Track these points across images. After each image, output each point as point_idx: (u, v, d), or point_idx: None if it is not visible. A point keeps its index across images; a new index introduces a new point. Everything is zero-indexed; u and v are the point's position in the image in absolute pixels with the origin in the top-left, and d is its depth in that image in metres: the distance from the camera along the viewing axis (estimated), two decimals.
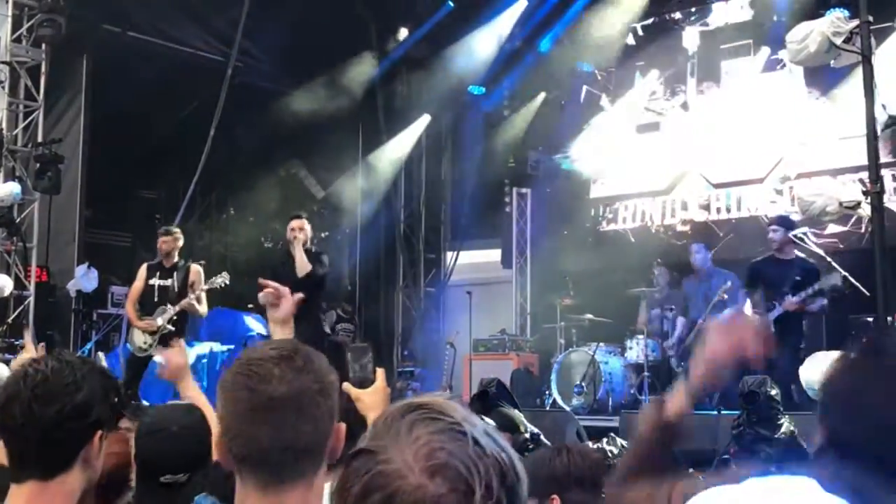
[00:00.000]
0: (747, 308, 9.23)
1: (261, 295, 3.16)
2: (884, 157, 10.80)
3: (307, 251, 9.52)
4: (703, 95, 13.66)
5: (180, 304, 9.50)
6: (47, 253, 12.05)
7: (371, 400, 2.97)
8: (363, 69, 15.04)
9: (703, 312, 10.30)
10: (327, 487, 2.60)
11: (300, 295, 3.16)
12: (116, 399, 2.28)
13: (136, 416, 3.58)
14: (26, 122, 11.91)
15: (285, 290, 3.10)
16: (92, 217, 13.16)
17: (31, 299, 11.72)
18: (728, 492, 1.50)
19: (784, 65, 12.50)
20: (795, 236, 9.51)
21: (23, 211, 11.82)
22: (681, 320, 11.12)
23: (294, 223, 9.64)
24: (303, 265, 9.31)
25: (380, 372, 3.11)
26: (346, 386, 3.05)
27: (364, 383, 3.03)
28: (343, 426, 1.93)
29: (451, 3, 14.54)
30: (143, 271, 9.95)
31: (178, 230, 10.23)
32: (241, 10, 11.95)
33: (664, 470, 2.33)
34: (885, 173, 10.72)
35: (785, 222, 9.59)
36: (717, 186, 13.20)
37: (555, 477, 3.44)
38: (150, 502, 2.83)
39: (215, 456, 1.90)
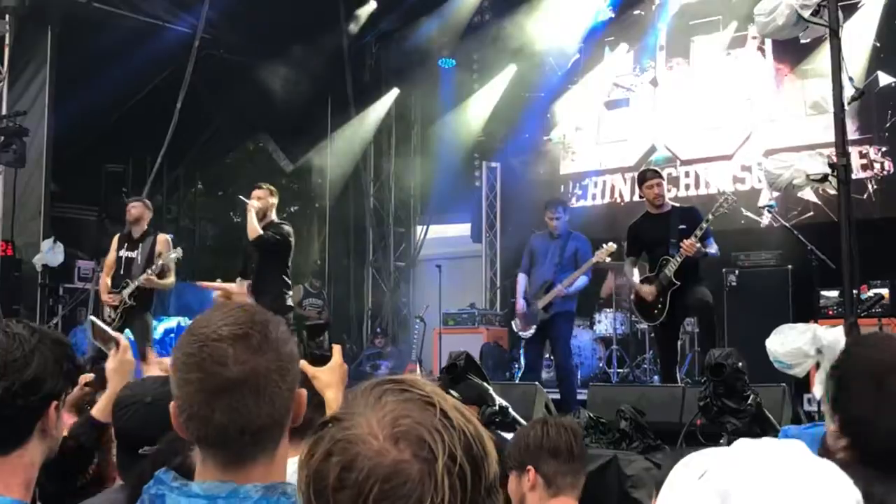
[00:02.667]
0: (635, 276, 9.04)
1: (214, 296, 3.15)
2: (852, 135, 10.94)
3: (270, 222, 9.50)
4: (673, 71, 13.67)
5: (138, 280, 9.40)
6: (12, 227, 11.94)
7: (328, 378, 2.92)
8: (331, 42, 14.95)
9: (551, 272, 9.79)
10: (291, 461, 2.57)
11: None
12: (69, 366, 2.22)
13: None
14: None
15: (230, 286, 3.08)
16: (58, 191, 13.04)
17: None
18: (719, 453, 1.51)
19: (754, 41, 12.57)
20: (768, 208, 9.42)
21: None
22: (522, 277, 10.26)
23: (254, 192, 9.59)
24: (252, 229, 9.26)
25: (336, 348, 3.06)
26: (303, 364, 3.01)
27: (321, 361, 3.00)
28: (304, 392, 1.90)
29: None
30: (114, 242, 9.88)
31: (147, 199, 10.17)
32: None
33: None
34: (853, 150, 10.81)
35: (660, 174, 9.27)
36: (685, 163, 13.23)
37: (529, 448, 3.48)
38: (132, 474, 2.82)
39: (174, 425, 1.87)
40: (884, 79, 11.49)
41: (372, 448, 1.22)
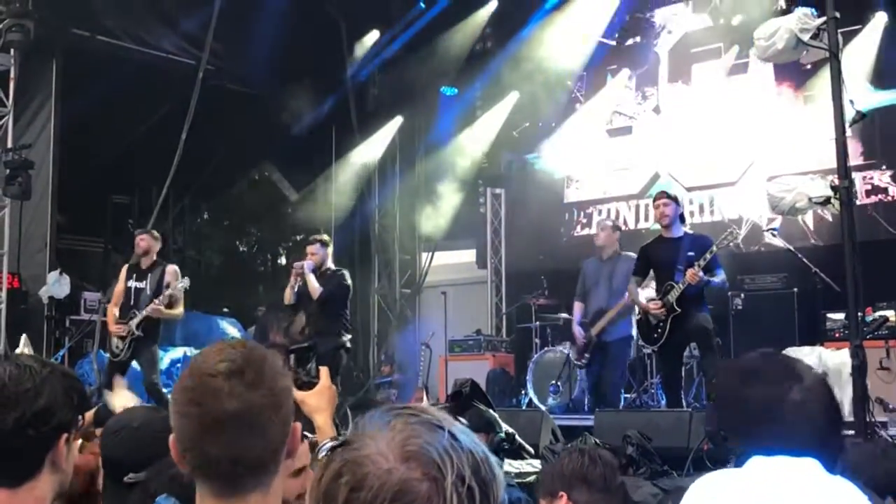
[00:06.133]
0: (643, 297, 9.11)
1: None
2: (856, 160, 10.96)
3: (326, 271, 10.01)
4: (675, 98, 13.69)
5: (146, 310, 9.45)
6: (18, 259, 11.97)
7: (316, 402, 2.89)
8: (335, 71, 15.02)
9: (605, 299, 9.99)
10: None
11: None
12: (80, 400, 2.24)
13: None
14: None
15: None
16: (64, 223, 13.08)
17: (3, 306, 11.63)
18: (733, 473, 1.52)
19: (755, 67, 12.61)
20: (772, 232, 9.43)
21: None
22: (577, 305, 10.59)
23: (307, 249, 10.17)
24: (314, 289, 9.85)
25: (323, 371, 3.03)
26: None
27: (308, 387, 2.97)
28: (299, 425, 1.94)
29: (423, 4, 14.56)
30: (123, 272, 9.94)
31: (154, 231, 10.22)
32: (211, 12, 11.91)
33: None
34: (857, 176, 10.84)
35: (674, 197, 9.24)
36: (689, 190, 13.22)
37: (563, 475, 3.51)
38: (118, 502, 2.80)
39: (174, 457, 1.89)
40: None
41: (381, 468, 1.23)
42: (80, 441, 2.67)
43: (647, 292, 9.23)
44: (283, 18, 13.10)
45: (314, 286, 9.84)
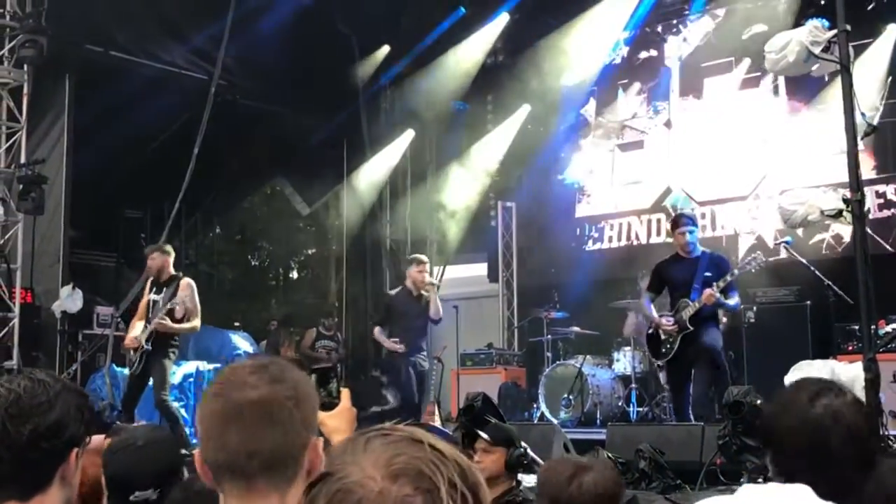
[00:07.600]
0: (654, 311, 9.13)
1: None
2: (869, 174, 10.92)
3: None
4: (687, 113, 13.69)
5: (153, 324, 9.40)
6: (32, 274, 11.99)
7: (336, 423, 2.87)
8: (346, 86, 15.07)
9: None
10: None
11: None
12: (89, 416, 2.26)
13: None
14: (9, 143, 11.83)
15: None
16: (77, 237, 13.11)
17: (16, 321, 11.65)
18: (725, 500, 1.51)
19: (767, 80, 12.61)
20: (784, 244, 9.44)
21: (6, 232, 11.75)
22: None
23: (421, 267, 10.42)
24: (437, 310, 10.16)
25: (344, 392, 3.00)
26: None
27: (330, 408, 2.95)
28: (321, 441, 1.93)
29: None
30: (147, 285, 9.92)
31: (164, 245, 10.17)
32: (223, 27, 11.96)
33: None
34: (869, 190, 10.79)
35: (694, 221, 9.38)
36: (701, 204, 13.20)
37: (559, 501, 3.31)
38: None
39: (198, 470, 1.90)
40: None
41: (373, 490, 1.20)
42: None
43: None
44: (295, 33, 13.14)
45: (438, 307, 10.16)
